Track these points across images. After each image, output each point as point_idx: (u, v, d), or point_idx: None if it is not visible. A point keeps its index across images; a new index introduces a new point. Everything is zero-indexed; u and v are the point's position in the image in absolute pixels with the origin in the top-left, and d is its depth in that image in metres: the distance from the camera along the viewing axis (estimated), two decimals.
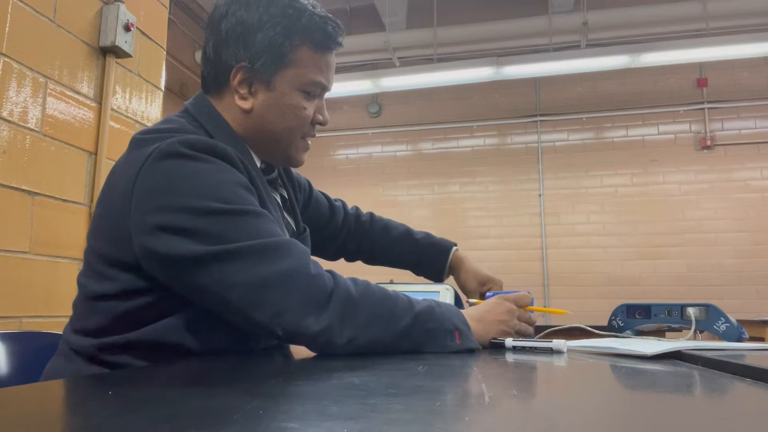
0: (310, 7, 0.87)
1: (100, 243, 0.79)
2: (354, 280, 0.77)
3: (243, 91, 0.87)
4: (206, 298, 0.72)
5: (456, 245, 1.26)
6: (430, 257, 1.24)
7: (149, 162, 0.74)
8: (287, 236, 0.78)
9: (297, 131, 0.90)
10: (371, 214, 1.29)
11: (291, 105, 0.88)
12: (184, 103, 0.91)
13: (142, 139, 0.80)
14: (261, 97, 0.87)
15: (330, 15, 0.89)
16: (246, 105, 0.87)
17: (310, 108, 0.90)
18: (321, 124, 0.94)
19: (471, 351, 0.80)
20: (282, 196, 1.00)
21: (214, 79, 0.89)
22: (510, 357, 0.78)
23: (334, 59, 0.92)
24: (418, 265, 1.25)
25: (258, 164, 0.92)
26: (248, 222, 0.73)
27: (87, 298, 0.79)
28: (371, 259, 1.29)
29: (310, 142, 0.95)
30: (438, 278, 1.24)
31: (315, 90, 0.90)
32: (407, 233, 1.26)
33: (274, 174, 0.98)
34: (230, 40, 0.86)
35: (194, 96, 0.92)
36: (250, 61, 0.85)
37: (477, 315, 0.86)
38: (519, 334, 0.90)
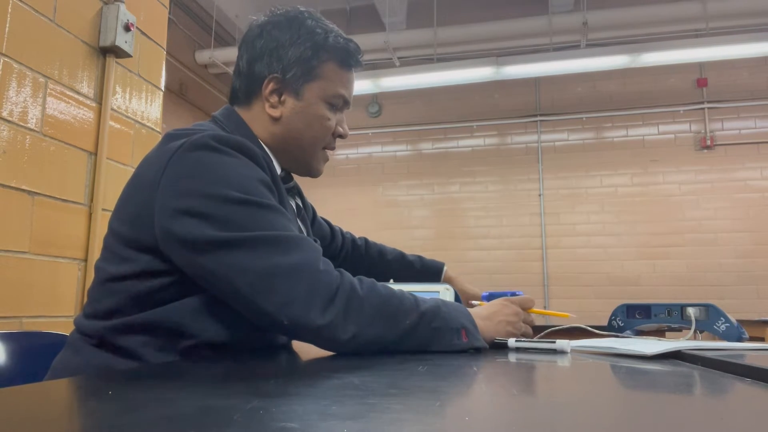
0: (335, 30, 0.98)
1: (122, 226, 0.82)
2: (360, 279, 0.78)
3: (273, 100, 0.94)
4: (217, 283, 0.75)
5: (445, 265, 1.33)
6: (424, 279, 1.30)
7: (180, 151, 0.79)
8: (312, 242, 0.81)
9: (320, 141, 0.98)
10: (365, 239, 1.36)
11: (317, 115, 0.95)
12: (212, 114, 0.98)
13: (176, 134, 0.85)
14: (290, 106, 0.94)
15: (351, 38, 0.99)
16: (276, 113, 0.94)
17: (332, 119, 0.98)
18: (341, 136, 1.01)
19: (478, 350, 0.81)
20: (297, 205, 1.05)
21: (246, 91, 0.96)
22: (511, 357, 0.78)
23: (354, 78, 1.02)
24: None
25: (279, 172, 0.97)
26: (265, 215, 0.77)
27: (103, 281, 0.82)
28: None
29: (329, 154, 1.03)
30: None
31: (338, 103, 0.98)
32: (401, 256, 1.33)
33: (293, 183, 1.04)
34: (264, 55, 0.94)
35: (222, 108, 0.99)
36: (282, 73, 0.93)
37: (485, 314, 0.88)
38: (522, 335, 0.92)
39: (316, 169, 1.02)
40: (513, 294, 1.02)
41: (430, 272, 1.31)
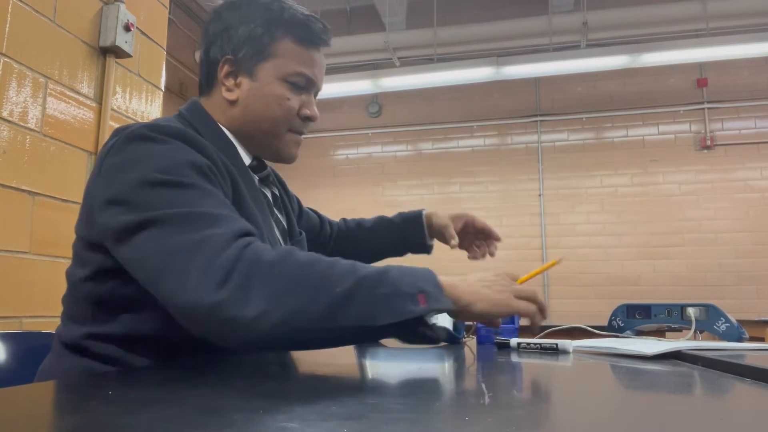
0: (294, 6, 0.91)
1: (79, 228, 0.81)
2: (276, 247, 0.66)
3: (229, 83, 0.91)
4: (134, 272, 0.68)
5: (425, 209, 1.25)
6: (409, 228, 1.24)
7: (117, 145, 0.75)
8: (242, 221, 0.71)
9: (282, 122, 0.91)
10: (344, 219, 1.32)
11: (274, 95, 0.90)
12: (179, 109, 0.95)
13: (121, 129, 0.81)
14: (245, 88, 0.90)
15: (317, 16, 0.93)
16: (232, 96, 0.90)
17: (294, 99, 0.91)
18: (309, 119, 0.94)
19: (441, 312, 0.65)
20: (273, 194, 1.00)
21: (206, 78, 0.94)
22: (512, 357, 0.78)
23: (323, 58, 0.94)
24: (401, 241, 1.25)
25: (248, 161, 0.93)
26: (183, 193, 0.69)
27: (71, 286, 0.81)
28: (357, 257, 1.27)
29: (301, 138, 0.96)
30: (423, 245, 1.24)
31: (299, 81, 0.91)
32: (380, 219, 1.27)
33: (266, 171, 0.98)
34: (217, 38, 0.91)
35: (188, 101, 0.96)
36: (233, 53, 0.89)
37: (463, 279, 0.71)
38: (526, 299, 0.72)
39: (285, 153, 0.95)
40: None
41: (411, 221, 1.23)
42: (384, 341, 1.00)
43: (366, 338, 0.65)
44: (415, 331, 0.63)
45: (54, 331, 1.05)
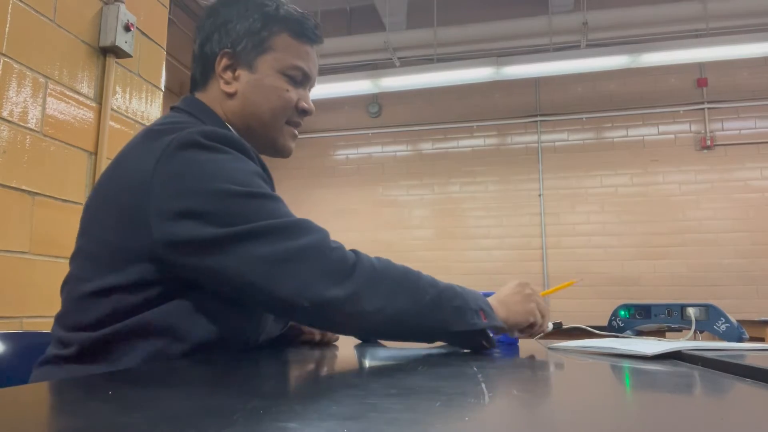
0: (288, 4, 0.95)
1: (105, 233, 0.77)
2: (377, 257, 0.78)
3: (227, 76, 0.92)
4: (229, 282, 0.72)
5: None
6: None
7: (169, 151, 0.75)
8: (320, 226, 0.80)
9: (280, 114, 0.94)
10: None
11: (273, 86, 0.92)
12: (173, 106, 0.93)
13: (158, 130, 0.80)
14: (244, 80, 0.92)
15: (309, 15, 0.97)
16: (230, 89, 0.92)
17: (292, 92, 0.94)
18: (306, 112, 0.96)
19: (497, 330, 0.83)
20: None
21: (201, 73, 0.94)
22: (511, 357, 0.78)
23: (316, 55, 0.98)
24: None
25: None
26: (266, 204, 0.75)
27: (86, 295, 0.77)
28: None
29: (297, 132, 0.98)
30: None
31: (296, 75, 0.94)
32: None
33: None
34: (213, 33, 0.92)
35: (181, 98, 0.94)
36: (232, 46, 0.91)
37: (500, 297, 0.88)
38: (542, 315, 0.91)
39: (282, 146, 0.97)
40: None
41: None
42: (384, 342, 1.00)
43: (438, 339, 0.82)
44: (474, 339, 0.82)
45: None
